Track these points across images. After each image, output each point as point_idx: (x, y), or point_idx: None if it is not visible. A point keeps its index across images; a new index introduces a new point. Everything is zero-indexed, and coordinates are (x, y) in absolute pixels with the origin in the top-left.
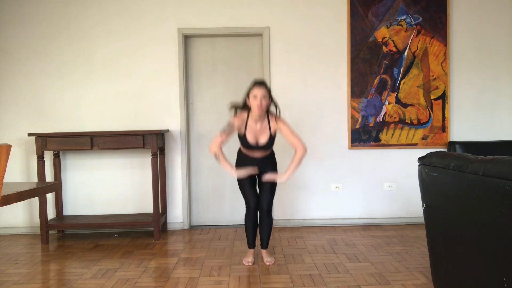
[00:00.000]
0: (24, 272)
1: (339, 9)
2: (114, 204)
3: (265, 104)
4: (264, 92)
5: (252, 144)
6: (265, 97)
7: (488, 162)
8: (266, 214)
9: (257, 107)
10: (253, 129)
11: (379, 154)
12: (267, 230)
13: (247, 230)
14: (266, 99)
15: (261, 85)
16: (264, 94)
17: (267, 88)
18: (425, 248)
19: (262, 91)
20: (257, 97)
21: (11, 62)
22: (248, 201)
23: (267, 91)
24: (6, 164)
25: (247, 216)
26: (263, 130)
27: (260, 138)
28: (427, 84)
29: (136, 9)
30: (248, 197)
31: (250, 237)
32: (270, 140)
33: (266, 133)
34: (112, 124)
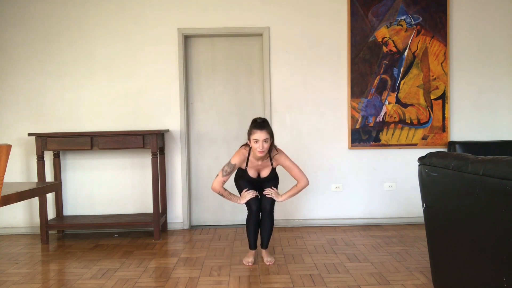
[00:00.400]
0: (24, 272)
1: (339, 9)
2: (114, 204)
3: (267, 147)
4: (266, 135)
5: (254, 177)
6: (267, 140)
7: (488, 162)
8: (268, 215)
9: (259, 152)
10: (254, 165)
11: (379, 154)
12: (268, 230)
13: (248, 231)
14: (268, 142)
15: (262, 128)
16: (265, 138)
17: (268, 129)
18: (425, 248)
19: (263, 135)
20: (258, 141)
21: (11, 62)
22: (249, 204)
23: (268, 133)
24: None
25: (249, 219)
26: (264, 165)
27: (262, 172)
28: (427, 84)
29: (136, 9)
30: (249, 200)
31: (252, 239)
32: (272, 172)
33: (268, 167)
34: (112, 124)
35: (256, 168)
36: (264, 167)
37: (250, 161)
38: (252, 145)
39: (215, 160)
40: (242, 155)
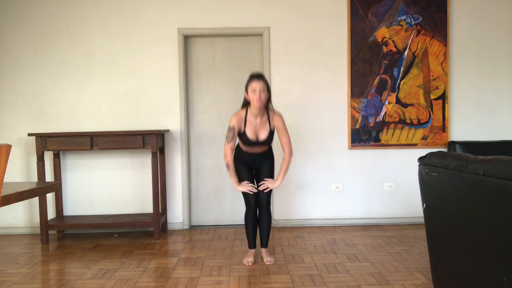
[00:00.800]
0: (24, 272)
1: (339, 9)
2: (114, 204)
3: (264, 97)
4: (263, 85)
5: (252, 140)
6: (264, 90)
7: (488, 162)
8: (265, 209)
9: (257, 101)
10: (252, 125)
11: (379, 154)
12: (267, 227)
13: (247, 228)
14: (265, 92)
15: (259, 78)
16: (263, 88)
17: (265, 80)
18: (425, 248)
19: (260, 84)
20: (256, 91)
21: (11, 62)
22: (247, 198)
23: (265, 84)
24: (6, 164)
25: (247, 214)
26: (262, 125)
27: (260, 134)
28: (427, 84)
29: (136, 9)
30: (247, 194)
31: (251, 236)
32: (270, 135)
33: (266, 128)
34: (112, 124)
35: (254, 128)
36: (262, 128)
37: (248, 121)
38: (250, 97)
39: (215, 160)
40: (239, 116)
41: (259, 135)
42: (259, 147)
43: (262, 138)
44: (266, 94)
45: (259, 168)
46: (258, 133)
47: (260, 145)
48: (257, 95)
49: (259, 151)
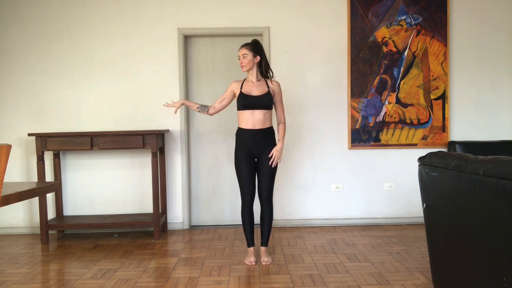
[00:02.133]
0: (24, 272)
1: (339, 9)
2: (114, 204)
3: (246, 62)
4: (244, 51)
5: (248, 95)
6: (245, 55)
7: (488, 162)
8: (266, 203)
9: (241, 66)
10: (249, 85)
11: (379, 154)
12: (268, 223)
13: (244, 225)
14: (247, 57)
15: (243, 46)
16: (244, 53)
17: (249, 46)
18: (425, 248)
19: (241, 51)
20: (239, 56)
21: (11, 62)
22: (243, 188)
23: (248, 50)
24: (6, 164)
25: (243, 209)
26: (260, 86)
27: (256, 91)
28: (427, 84)
29: (136, 9)
30: (244, 184)
31: (248, 233)
32: (267, 94)
33: (263, 88)
34: (112, 124)
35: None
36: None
37: (245, 84)
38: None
39: (215, 160)
40: (238, 81)
41: (254, 92)
42: (257, 114)
43: (258, 93)
44: (249, 58)
45: (260, 157)
46: (253, 91)
47: (258, 108)
48: (240, 60)
49: (258, 125)
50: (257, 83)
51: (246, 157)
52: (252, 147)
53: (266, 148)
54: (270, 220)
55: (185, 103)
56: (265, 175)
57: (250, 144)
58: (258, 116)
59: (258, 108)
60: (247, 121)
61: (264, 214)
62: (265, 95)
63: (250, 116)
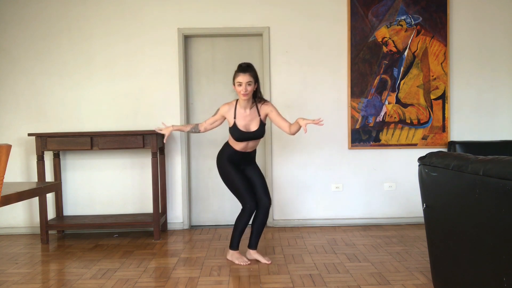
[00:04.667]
0: (24, 272)
1: (339, 9)
2: (114, 204)
3: (250, 90)
4: (249, 78)
5: (244, 132)
6: (249, 83)
7: (488, 162)
8: (267, 211)
9: (243, 95)
10: (242, 116)
11: (379, 154)
12: (262, 228)
13: (238, 230)
14: (251, 85)
15: (245, 71)
16: (248, 81)
17: (252, 72)
18: (425, 248)
19: (246, 78)
20: (242, 84)
21: (12, 62)
22: (246, 198)
23: (252, 77)
24: (6, 164)
25: (243, 218)
26: (253, 116)
27: (251, 125)
28: (427, 84)
29: (136, 9)
30: (245, 193)
31: (239, 238)
32: (261, 126)
33: (256, 119)
34: (112, 124)
35: (245, 119)
36: (253, 119)
37: (238, 113)
38: (237, 89)
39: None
40: (229, 104)
41: (250, 126)
42: (252, 142)
43: (254, 129)
44: (253, 86)
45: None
46: (249, 125)
47: (252, 139)
48: (243, 88)
49: (250, 149)
50: (250, 112)
51: (236, 169)
52: (239, 163)
53: (251, 163)
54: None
55: (175, 129)
56: (258, 177)
57: (238, 162)
58: (252, 144)
59: (253, 140)
60: (239, 146)
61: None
62: (260, 128)
63: (245, 144)
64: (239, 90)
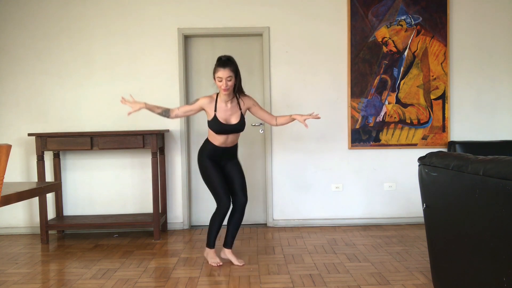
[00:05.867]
0: (24, 272)
1: (339, 9)
2: (114, 204)
3: (231, 85)
4: (229, 73)
5: (224, 124)
6: (230, 78)
7: (488, 162)
8: (243, 210)
9: (223, 90)
10: (223, 110)
11: (379, 154)
12: (238, 227)
13: (214, 228)
14: (232, 79)
15: (225, 66)
16: (228, 75)
17: (232, 66)
18: (425, 248)
19: (226, 73)
20: (222, 79)
21: (12, 62)
22: (221, 195)
23: (232, 71)
24: (6, 164)
25: (216, 216)
26: (233, 110)
27: (232, 119)
28: (427, 84)
29: (136, 9)
30: (220, 190)
31: (215, 237)
32: (241, 119)
33: (237, 112)
34: (112, 124)
35: (225, 113)
36: (233, 112)
37: (218, 107)
38: (217, 84)
39: None
40: (210, 97)
41: (230, 120)
42: (231, 137)
43: (234, 122)
44: (233, 81)
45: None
46: (229, 118)
47: (233, 132)
48: (224, 83)
49: (230, 144)
50: (231, 106)
51: (215, 165)
52: (220, 159)
53: (230, 158)
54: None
55: (146, 107)
56: (237, 174)
57: (218, 157)
58: (232, 138)
59: (232, 133)
60: (219, 140)
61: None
62: (240, 121)
63: (224, 138)
64: (220, 85)
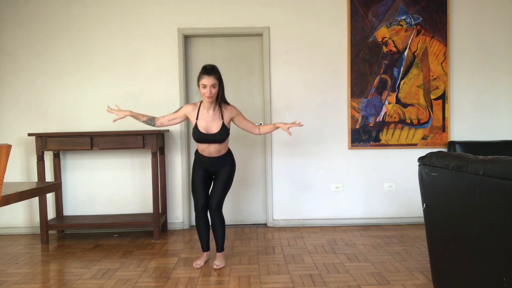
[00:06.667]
0: (24, 272)
1: (339, 9)
2: (114, 204)
3: (214, 92)
4: (213, 80)
5: (204, 133)
6: (214, 86)
7: (488, 162)
8: (216, 213)
9: (207, 97)
10: (205, 117)
11: (379, 154)
12: (220, 230)
13: (198, 233)
14: (216, 87)
15: (210, 74)
16: (213, 83)
17: (216, 75)
18: (425, 248)
19: (211, 80)
20: (206, 86)
21: (12, 62)
22: (196, 199)
23: (216, 79)
24: (6, 164)
25: (197, 218)
26: (215, 118)
27: (212, 128)
28: (427, 84)
29: (136, 9)
30: (197, 195)
31: (204, 239)
32: (222, 129)
33: (217, 121)
34: (112, 124)
35: (206, 121)
36: (214, 121)
37: (200, 114)
38: (201, 91)
39: None
40: (194, 105)
41: (211, 129)
42: (213, 146)
43: (214, 131)
44: (217, 88)
45: (217, 173)
46: (210, 127)
47: (213, 142)
48: (208, 91)
49: (215, 153)
50: (212, 114)
51: (203, 170)
52: (209, 167)
53: (223, 166)
54: (222, 228)
55: (131, 115)
56: (219, 183)
57: (208, 166)
58: (214, 148)
59: (213, 143)
60: (203, 150)
61: (216, 224)
62: (221, 131)
63: (206, 147)
64: (204, 92)
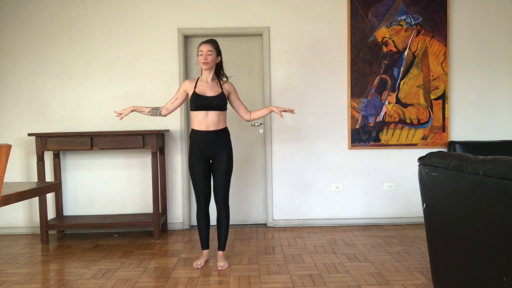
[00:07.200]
0: (24, 272)
1: (339, 9)
2: (114, 204)
3: (211, 60)
4: (210, 47)
5: (202, 95)
6: (210, 52)
7: (488, 162)
8: (222, 206)
9: (203, 63)
10: (203, 86)
11: (379, 154)
12: (225, 226)
13: (199, 228)
14: (212, 55)
15: (207, 42)
16: (209, 49)
17: (214, 44)
18: (425, 248)
19: (207, 47)
20: (202, 52)
21: (12, 62)
22: (198, 190)
23: (213, 47)
24: (6, 164)
25: (198, 213)
26: (213, 87)
27: (211, 93)
28: (427, 84)
29: (136, 9)
30: (198, 186)
31: (204, 236)
32: (220, 95)
33: (216, 89)
34: (112, 124)
35: (204, 87)
36: (213, 88)
37: (198, 84)
38: (199, 59)
39: None
40: (191, 80)
41: (209, 92)
42: (211, 116)
43: (212, 94)
44: (213, 57)
45: (215, 159)
46: (207, 91)
47: (211, 109)
48: (204, 56)
49: (212, 126)
50: (211, 83)
51: (200, 159)
52: (206, 148)
53: (220, 150)
54: (227, 223)
55: (135, 109)
56: (220, 176)
57: (204, 145)
58: (212, 118)
59: (211, 109)
60: (200, 123)
61: (221, 217)
62: (219, 96)
63: (203, 117)
64: (200, 59)
